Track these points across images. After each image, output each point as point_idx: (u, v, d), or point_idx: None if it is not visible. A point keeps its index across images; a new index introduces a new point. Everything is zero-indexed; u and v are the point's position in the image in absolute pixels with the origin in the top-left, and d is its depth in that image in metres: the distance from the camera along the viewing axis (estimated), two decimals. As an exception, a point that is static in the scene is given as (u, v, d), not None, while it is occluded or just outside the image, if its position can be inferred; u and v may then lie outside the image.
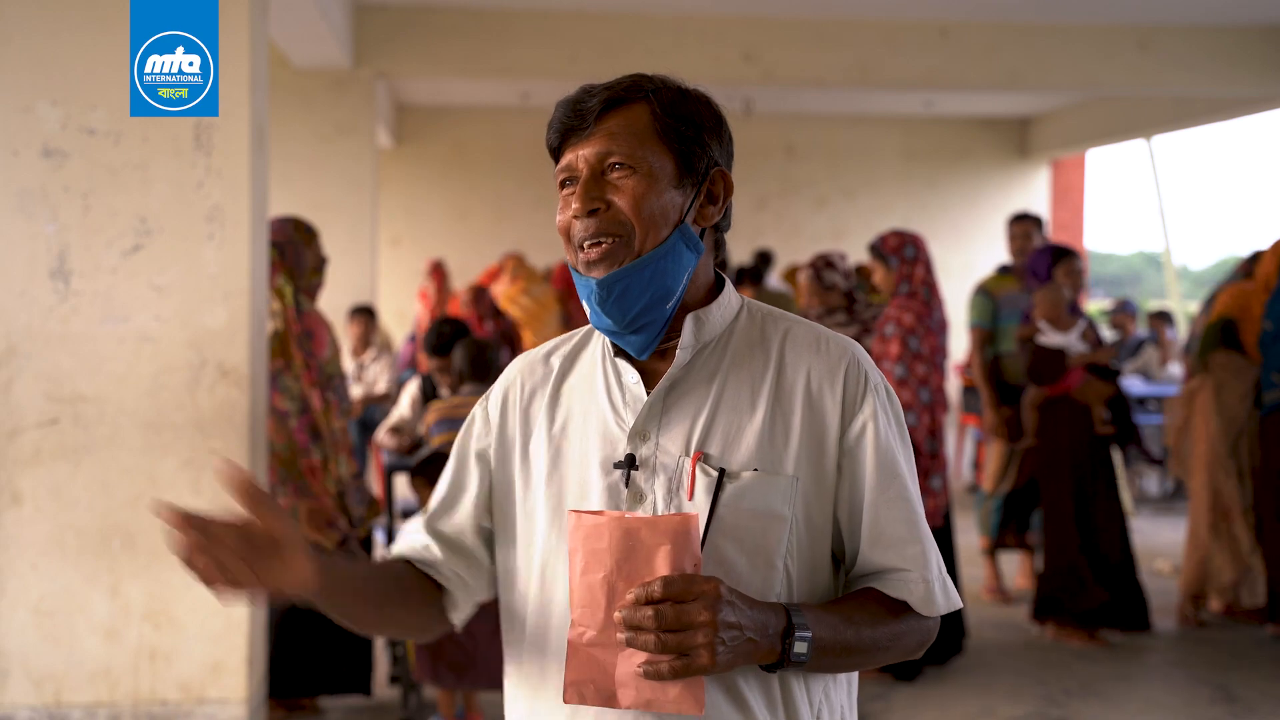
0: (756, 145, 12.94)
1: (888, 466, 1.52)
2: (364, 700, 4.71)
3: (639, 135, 1.51)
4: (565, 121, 1.53)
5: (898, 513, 1.52)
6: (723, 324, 1.57)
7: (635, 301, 1.51)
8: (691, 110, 1.55)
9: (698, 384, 1.54)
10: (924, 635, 1.55)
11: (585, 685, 1.40)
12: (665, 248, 1.51)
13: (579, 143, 1.53)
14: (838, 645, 1.46)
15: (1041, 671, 5.22)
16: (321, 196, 8.60)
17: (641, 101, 1.53)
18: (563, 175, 1.54)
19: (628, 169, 1.51)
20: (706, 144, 1.55)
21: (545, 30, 8.61)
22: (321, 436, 4.41)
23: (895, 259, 5.13)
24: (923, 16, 8.83)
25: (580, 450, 1.56)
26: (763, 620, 1.40)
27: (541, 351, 1.67)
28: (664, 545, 1.35)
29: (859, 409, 1.53)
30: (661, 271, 1.51)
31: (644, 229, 1.50)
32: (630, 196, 1.50)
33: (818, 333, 1.58)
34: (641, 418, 1.53)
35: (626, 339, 1.55)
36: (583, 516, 1.39)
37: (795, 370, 1.54)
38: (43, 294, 3.92)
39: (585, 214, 1.50)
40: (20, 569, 3.95)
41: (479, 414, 1.67)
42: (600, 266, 1.50)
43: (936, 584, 1.53)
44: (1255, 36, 9.05)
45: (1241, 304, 5.78)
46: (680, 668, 1.34)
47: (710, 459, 1.50)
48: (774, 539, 1.49)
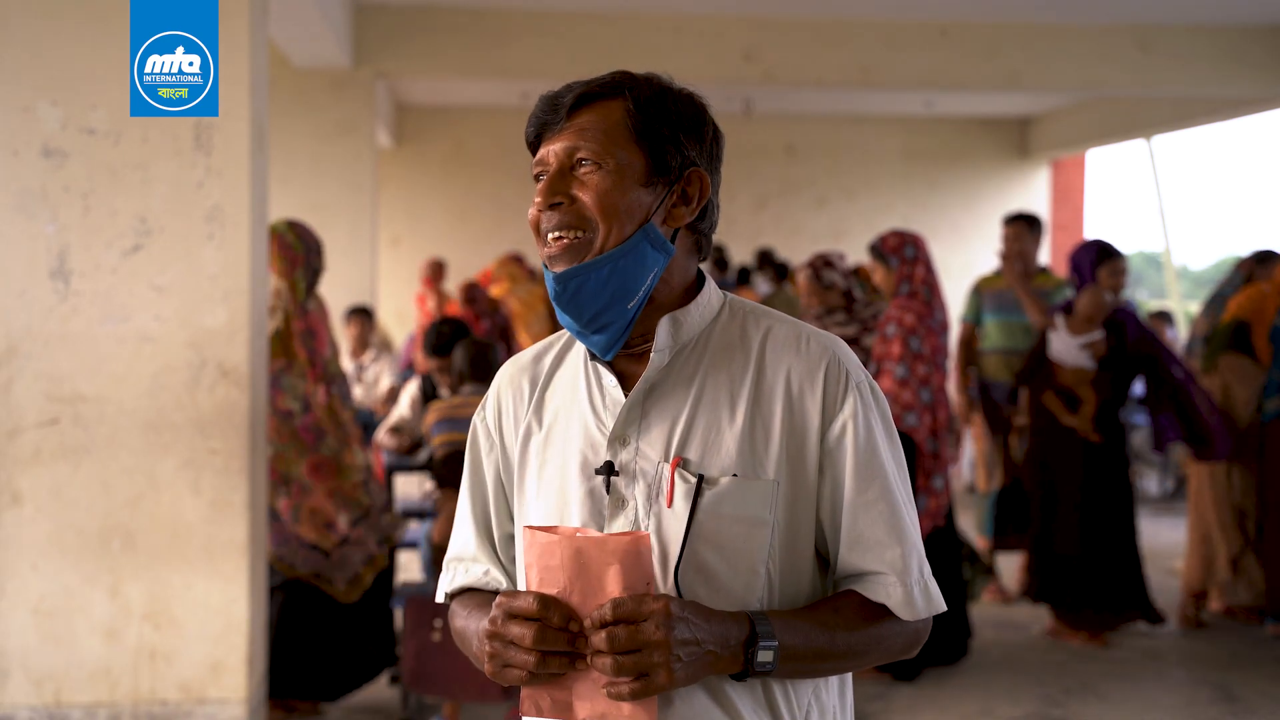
0: (756, 145, 12.94)
1: (867, 467, 1.51)
2: (364, 700, 4.70)
3: (609, 132, 1.51)
4: (540, 115, 1.54)
5: (877, 514, 1.50)
6: (702, 324, 1.55)
7: (592, 299, 1.49)
8: (670, 109, 1.53)
9: (676, 386, 1.52)
10: (911, 637, 1.54)
11: (541, 697, 1.42)
12: (627, 246, 1.49)
13: (552, 137, 1.53)
14: (810, 651, 1.45)
15: (1041, 671, 5.22)
16: (321, 196, 8.60)
17: (617, 98, 1.52)
18: (537, 169, 1.55)
19: (594, 165, 1.50)
20: (683, 143, 1.53)
21: (545, 30, 8.61)
22: (328, 431, 4.43)
23: (895, 259, 5.13)
24: (923, 16, 8.83)
25: (563, 455, 1.55)
26: (722, 632, 1.40)
27: (530, 354, 1.66)
28: (613, 565, 1.36)
29: (840, 408, 1.51)
30: (620, 270, 1.49)
31: (607, 226, 1.49)
32: (594, 192, 1.49)
33: (799, 331, 1.56)
34: (620, 422, 1.52)
35: (590, 339, 1.54)
36: (536, 534, 1.40)
37: (775, 371, 1.52)
38: (43, 294, 3.92)
39: (547, 207, 1.50)
40: (20, 569, 3.95)
41: (479, 427, 1.66)
42: (560, 261, 1.50)
43: (916, 587, 1.51)
44: (1255, 36, 9.05)
45: (1257, 306, 5.74)
46: (639, 688, 1.35)
47: (689, 464, 1.48)
48: (755, 544, 1.48)
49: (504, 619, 1.39)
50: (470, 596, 1.63)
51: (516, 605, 1.38)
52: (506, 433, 1.62)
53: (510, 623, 1.39)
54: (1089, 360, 5.51)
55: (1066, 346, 5.56)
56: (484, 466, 1.65)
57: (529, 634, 1.37)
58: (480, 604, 1.59)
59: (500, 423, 1.63)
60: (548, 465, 1.56)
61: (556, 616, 1.36)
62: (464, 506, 1.67)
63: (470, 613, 1.58)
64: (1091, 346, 5.51)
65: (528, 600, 1.38)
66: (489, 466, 1.64)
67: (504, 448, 1.63)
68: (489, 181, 12.71)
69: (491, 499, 1.64)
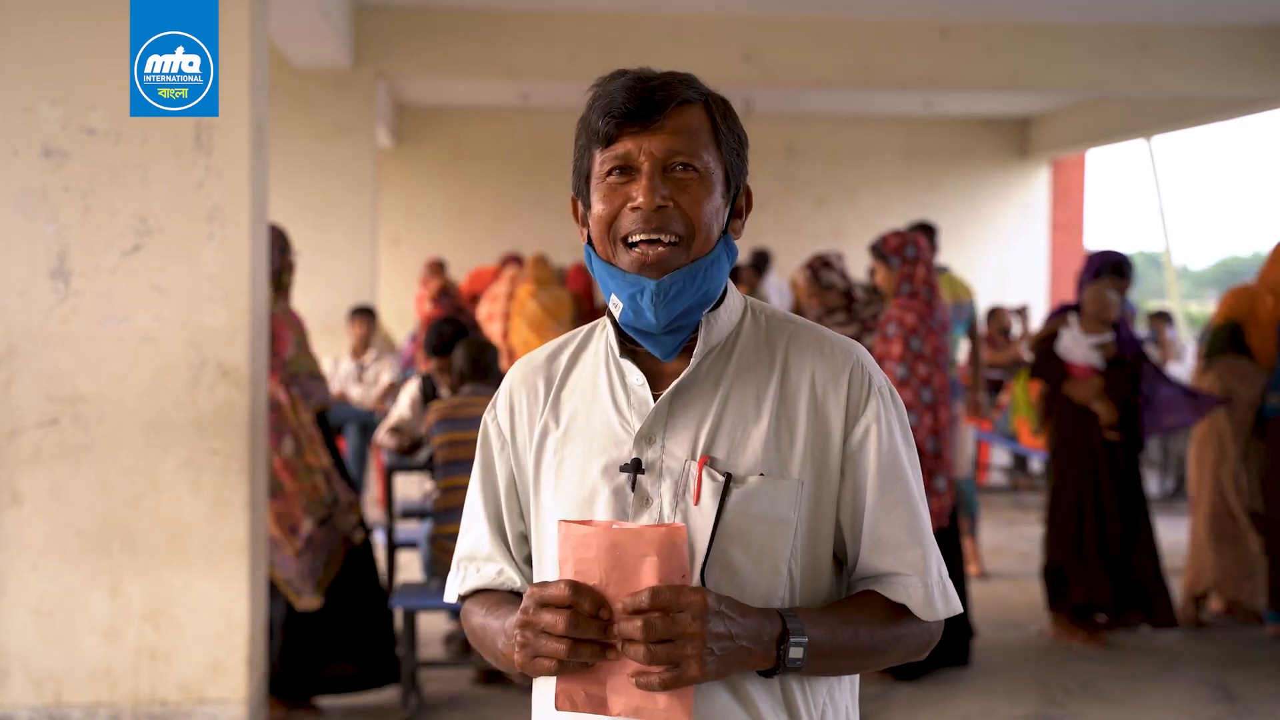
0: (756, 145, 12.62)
1: (890, 470, 1.53)
2: (364, 700, 4.70)
3: (701, 138, 1.50)
4: (626, 108, 1.47)
5: (899, 517, 1.53)
6: (729, 326, 1.57)
7: (683, 304, 1.50)
8: (736, 122, 1.55)
9: (704, 387, 1.53)
10: (926, 638, 1.55)
11: (576, 692, 1.41)
12: (715, 254, 1.51)
13: (642, 133, 1.48)
14: (835, 649, 1.46)
15: (1041, 671, 5.22)
16: (321, 196, 8.61)
17: (700, 104, 1.52)
18: (616, 163, 1.49)
19: (693, 170, 1.49)
20: (744, 158, 1.56)
21: (545, 30, 8.61)
22: (289, 433, 4.43)
23: (897, 259, 5.13)
24: (923, 16, 8.83)
25: (585, 453, 1.55)
26: (756, 627, 1.40)
27: (543, 354, 1.65)
28: (649, 556, 1.36)
29: (862, 412, 1.53)
30: (709, 276, 1.51)
31: (702, 234, 1.50)
32: (694, 199, 1.49)
33: (822, 335, 1.58)
34: (649, 421, 1.52)
35: (659, 340, 1.53)
36: (571, 526, 1.40)
37: (800, 373, 1.54)
38: (43, 294, 3.92)
39: (654, 208, 1.47)
40: (20, 569, 3.95)
41: (490, 426, 1.65)
42: (655, 268, 1.48)
43: (936, 588, 1.53)
44: (1255, 36, 9.05)
45: (1246, 306, 5.74)
46: (670, 679, 1.35)
47: (716, 463, 1.49)
48: (780, 543, 1.49)
49: (536, 608, 1.39)
50: (486, 596, 1.62)
51: (549, 593, 1.38)
52: (519, 432, 1.62)
53: (542, 611, 1.38)
54: (1100, 359, 5.54)
55: (1078, 345, 5.56)
56: (496, 465, 1.64)
57: (561, 620, 1.36)
58: (498, 602, 1.58)
59: (513, 422, 1.62)
60: (566, 463, 1.56)
61: (589, 604, 1.36)
62: (475, 505, 1.66)
63: (489, 610, 1.57)
64: (1104, 347, 5.54)
65: (560, 588, 1.37)
66: (501, 465, 1.64)
67: (516, 447, 1.62)
68: (489, 181, 12.72)
69: (504, 497, 1.63)
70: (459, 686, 4.91)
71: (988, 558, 7.24)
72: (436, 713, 4.66)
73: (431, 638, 5.31)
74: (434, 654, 5.16)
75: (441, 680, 4.97)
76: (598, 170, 1.51)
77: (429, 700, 4.75)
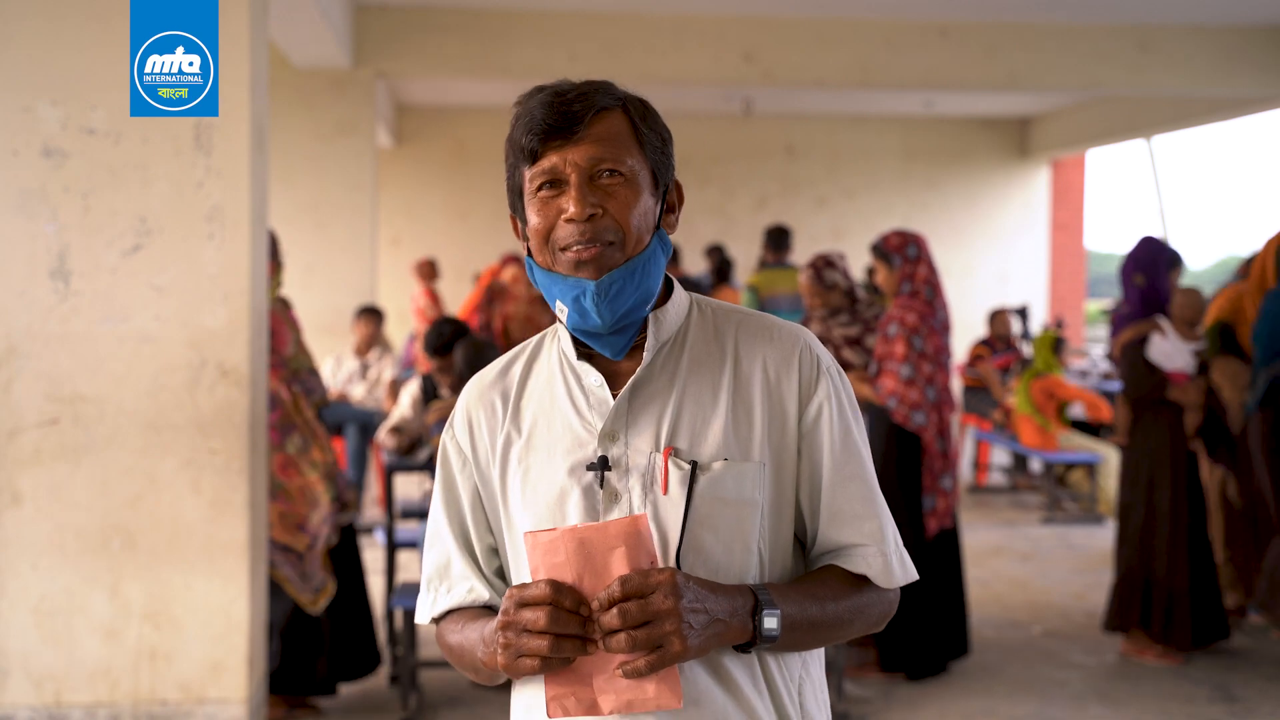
0: (756, 145, 12.94)
1: (843, 446, 1.58)
2: (364, 700, 4.70)
3: (624, 142, 1.55)
4: (548, 123, 1.52)
5: (854, 490, 1.58)
6: (677, 322, 1.62)
7: (625, 302, 1.54)
8: (657, 121, 1.59)
9: (660, 382, 1.58)
10: (885, 607, 1.61)
11: (566, 698, 1.43)
12: (650, 250, 1.56)
13: (565, 145, 1.53)
14: (805, 621, 1.51)
15: (1042, 671, 5.22)
16: (321, 196, 8.60)
17: (619, 109, 1.56)
18: (545, 178, 1.54)
19: (619, 175, 1.54)
20: (669, 154, 1.60)
21: (545, 30, 8.61)
22: (295, 427, 4.43)
23: (898, 258, 5.12)
24: (923, 16, 8.83)
25: (549, 457, 1.58)
26: (729, 602, 1.45)
27: (494, 369, 1.68)
28: (617, 548, 1.40)
29: (814, 392, 1.58)
30: (646, 273, 1.56)
31: (634, 235, 1.54)
32: (622, 203, 1.53)
33: (768, 322, 1.63)
34: (610, 419, 1.56)
35: (607, 340, 1.58)
36: (537, 535, 1.43)
37: (751, 360, 1.59)
38: (43, 294, 3.92)
39: (585, 218, 1.51)
40: (20, 569, 3.95)
41: (449, 445, 1.67)
42: (590, 268, 1.52)
43: (894, 557, 1.58)
44: (1255, 36, 9.05)
45: (1236, 306, 5.73)
46: (655, 660, 1.38)
47: (681, 453, 1.54)
48: (748, 524, 1.54)
49: (516, 608, 1.41)
50: (458, 614, 1.65)
51: (529, 593, 1.41)
52: (480, 447, 1.64)
53: (523, 609, 1.41)
54: (1193, 366, 5.35)
55: (1179, 352, 5.36)
56: (458, 482, 1.66)
57: (542, 616, 1.39)
58: (472, 618, 1.61)
59: (473, 438, 1.65)
60: (533, 470, 1.59)
61: (569, 600, 1.39)
62: (439, 523, 1.68)
63: (463, 626, 1.60)
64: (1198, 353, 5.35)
65: (540, 586, 1.40)
66: (464, 481, 1.66)
67: (478, 463, 1.64)
68: (489, 181, 12.71)
69: (469, 512, 1.66)
70: (459, 686, 4.91)
71: (988, 557, 7.25)
72: (436, 713, 4.66)
73: (431, 638, 5.32)
74: (434, 654, 5.16)
75: (441, 680, 4.97)
76: (529, 186, 1.56)
77: (429, 700, 4.76)
